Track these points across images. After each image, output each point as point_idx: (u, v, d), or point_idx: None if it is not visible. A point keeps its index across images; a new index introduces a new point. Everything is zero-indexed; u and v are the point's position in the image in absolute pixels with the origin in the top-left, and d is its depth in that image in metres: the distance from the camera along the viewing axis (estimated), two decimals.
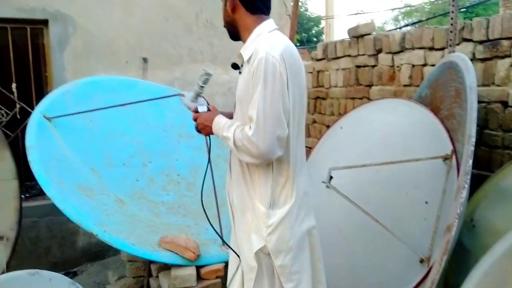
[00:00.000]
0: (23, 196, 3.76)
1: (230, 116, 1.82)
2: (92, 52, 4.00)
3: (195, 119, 1.84)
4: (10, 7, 3.61)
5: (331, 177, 2.72)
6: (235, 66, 1.78)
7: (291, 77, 1.56)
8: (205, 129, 1.78)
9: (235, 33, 1.76)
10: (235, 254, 1.83)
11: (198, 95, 2.68)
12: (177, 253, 2.53)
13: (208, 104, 2.64)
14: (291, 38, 4.00)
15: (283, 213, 1.64)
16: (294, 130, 1.64)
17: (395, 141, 2.79)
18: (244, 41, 1.72)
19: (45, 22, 3.81)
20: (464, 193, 1.61)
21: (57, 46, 3.85)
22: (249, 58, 1.62)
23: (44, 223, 3.81)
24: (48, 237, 3.87)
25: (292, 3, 4.57)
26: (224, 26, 1.82)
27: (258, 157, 1.55)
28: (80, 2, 3.91)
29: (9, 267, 2.78)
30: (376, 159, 2.74)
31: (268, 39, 1.61)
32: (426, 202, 2.42)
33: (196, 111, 1.86)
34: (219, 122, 1.71)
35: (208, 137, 1.95)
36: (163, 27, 4.32)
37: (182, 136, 3.69)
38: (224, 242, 1.86)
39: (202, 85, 2.46)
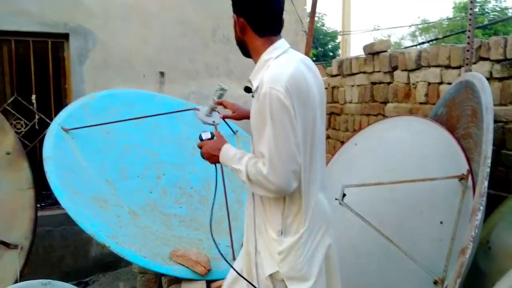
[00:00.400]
0: (39, 205, 3.82)
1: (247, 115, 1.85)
2: (110, 65, 4.08)
3: (200, 147, 1.76)
4: (32, 21, 3.72)
5: (344, 195, 2.70)
6: (247, 90, 1.72)
7: (298, 108, 1.50)
8: (211, 158, 1.71)
9: (247, 53, 1.70)
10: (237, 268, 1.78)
11: (212, 109, 2.71)
12: (187, 267, 2.52)
13: (224, 120, 2.65)
14: (307, 54, 4.02)
15: (293, 240, 1.59)
16: (306, 159, 1.58)
17: (411, 160, 2.76)
18: (255, 63, 1.65)
19: (66, 36, 3.92)
20: (479, 216, 1.58)
21: (77, 60, 3.94)
22: (257, 88, 1.54)
23: (58, 232, 3.85)
24: (62, 247, 3.91)
25: (308, 19, 4.61)
26: (237, 44, 1.76)
27: (275, 192, 1.53)
28: (101, 17, 4.01)
29: (23, 276, 2.81)
30: (391, 177, 2.71)
31: (273, 69, 1.53)
32: (441, 222, 2.38)
33: (200, 139, 1.78)
34: (227, 153, 1.65)
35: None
36: (180, 42, 4.39)
37: (196, 149, 3.68)
38: (225, 260, 1.80)
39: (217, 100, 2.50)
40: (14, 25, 3.68)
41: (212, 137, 1.76)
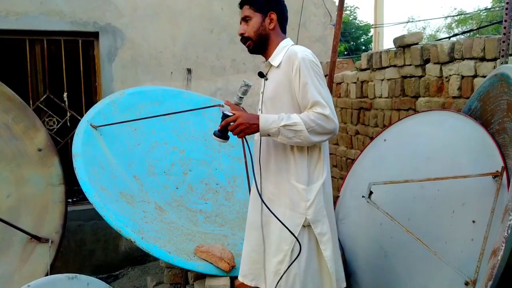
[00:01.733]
0: (70, 200, 3.93)
1: None
2: (139, 63, 4.14)
3: (231, 121, 1.83)
4: (63, 21, 3.82)
5: (371, 192, 2.63)
6: (261, 75, 2.05)
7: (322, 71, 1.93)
8: (250, 128, 1.83)
9: (263, 46, 2.02)
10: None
11: (237, 105, 2.70)
12: (211, 263, 2.53)
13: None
14: (335, 48, 3.93)
15: (317, 187, 1.90)
16: None
17: (442, 156, 2.65)
18: (268, 54, 2.02)
19: (96, 35, 4.00)
20: None
21: (107, 58, 4.02)
22: (280, 63, 1.93)
23: (89, 227, 3.96)
24: (93, 241, 4.01)
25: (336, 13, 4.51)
26: (248, 39, 2.01)
27: (333, 132, 1.83)
28: (130, 16, 4.07)
29: (54, 269, 2.90)
30: (421, 174, 2.61)
31: (296, 47, 1.94)
32: (474, 222, 2.27)
33: (226, 116, 1.85)
34: (269, 117, 1.84)
35: (243, 145, 1.99)
36: (207, 39, 4.40)
37: (222, 145, 3.72)
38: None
39: (242, 96, 2.47)
40: (46, 25, 3.79)
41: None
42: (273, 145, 1.96)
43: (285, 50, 1.96)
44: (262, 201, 1.89)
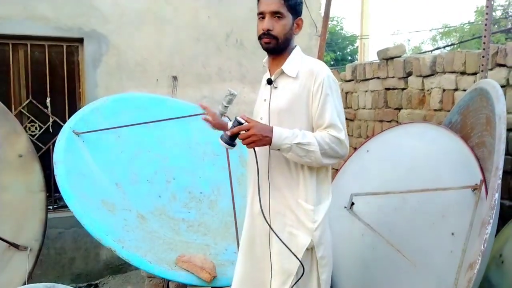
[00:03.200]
0: (51, 207, 3.87)
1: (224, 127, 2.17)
2: (124, 70, 4.12)
3: (244, 130, 1.73)
4: (48, 26, 3.78)
5: (352, 203, 2.65)
6: (269, 81, 1.90)
7: None
8: (262, 140, 1.72)
9: (283, 49, 1.88)
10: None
11: (222, 114, 2.69)
12: (193, 273, 2.51)
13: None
14: (320, 59, 3.97)
15: (325, 208, 1.84)
16: None
17: (423, 168, 2.69)
18: (281, 60, 1.88)
19: (80, 41, 3.97)
20: (489, 229, 1.51)
21: (91, 64, 3.98)
22: (297, 74, 1.83)
23: (69, 234, 3.89)
24: (73, 249, 3.95)
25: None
26: (274, 38, 1.84)
27: (343, 156, 1.80)
28: (115, 22, 4.05)
29: (33, 277, 2.84)
30: (402, 186, 2.65)
31: (314, 60, 1.93)
32: (453, 234, 2.30)
33: (240, 123, 1.74)
34: (283, 132, 1.75)
35: (227, 154, 1.94)
36: (194, 47, 4.40)
37: (206, 154, 3.71)
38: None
39: (226, 105, 2.48)
40: (30, 30, 3.74)
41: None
42: (284, 161, 1.85)
43: (300, 60, 1.87)
44: (267, 221, 1.81)
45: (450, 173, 2.49)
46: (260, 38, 1.86)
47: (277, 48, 1.86)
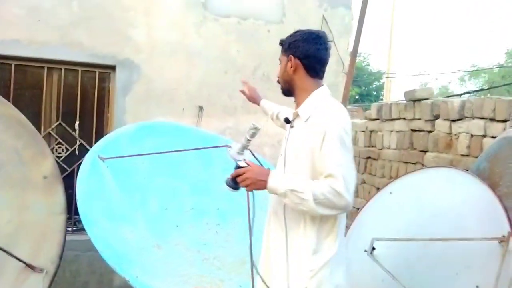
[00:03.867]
0: (70, 229, 3.90)
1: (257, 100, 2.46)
2: (152, 98, 4.21)
3: (240, 174, 1.81)
4: (83, 53, 3.93)
5: (373, 248, 2.58)
6: (287, 121, 1.94)
7: (350, 140, 1.80)
8: (256, 184, 1.78)
9: (290, 91, 1.93)
10: None
11: (244, 147, 2.69)
12: None
13: (254, 157, 2.64)
14: (345, 96, 3.98)
15: (325, 260, 1.76)
16: None
17: (448, 215, 2.61)
18: (299, 100, 1.90)
19: (113, 68, 4.10)
20: None
21: (121, 91, 4.10)
22: (308, 119, 1.81)
23: (85, 258, 3.90)
24: (88, 272, 3.94)
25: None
26: (278, 82, 1.98)
27: (342, 209, 1.72)
28: (147, 52, 4.18)
29: None
30: (426, 231, 2.57)
31: (333, 106, 1.82)
32: (477, 287, 2.20)
33: (238, 167, 1.83)
34: (279, 177, 1.77)
35: (252, 194, 1.96)
36: (221, 79, 4.48)
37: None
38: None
39: (250, 139, 2.47)
40: (66, 55, 3.90)
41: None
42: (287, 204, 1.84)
43: (317, 103, 1.83)
44: (257, 271, 1.91)
45: (476, 222, 2.41)
46: None
47: (283, 91, 1.96)
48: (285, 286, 1.81)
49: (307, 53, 1.85)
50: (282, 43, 1.95)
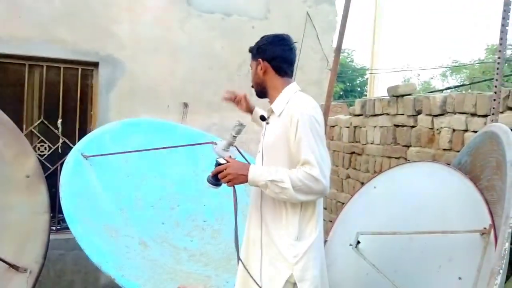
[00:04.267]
0: (54, 228, 3.86)
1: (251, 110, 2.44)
2: (136, 95, 4.18)
3: (222, 170, 1.86)
4: (65, 49, 3.88)
5: (358, 242, 2.60)
6: (263, 118, 2.08)
7: (322, 128, 1.91)
8: (238, 178, 1.85)
9: (263, 92, 2.05)
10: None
11: (230, 144, 2.70)
12: None
13: (239, 153, 2.64)
14: (329, 93, 4.00)
15: (308, 244, 1.86)
16: None
17: (431, 208, 2.65)
18: (271, 99, 2.02)
19: (96, 65, 4.05)
20: (499, 279, 1.47)
21: (105, 88, 4.06)
22: (281, 113, 1.92)
23: (70, 256, 3.86)
24: (73, 271, 3.91)
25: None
26: (252, 87, 2.09)
27: (320, 193, 1.81)
28: (131, 48, 4.14)
29: None
30: (410, 225, 2.60)
31: (302, 98, 1.94)
32: (460, 278, 2.24)
33: (218, 164, 1.88)
34: (258, 170, 1.85)
35: (234, 189, 1.99)
36: (206, 75, 4.47)
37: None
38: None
39: (235, 135, 2.49)
40: (48, 52, 3.84)
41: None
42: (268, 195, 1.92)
43: (288, 98, 1.94)
44: (239, 258, 1.93)
45: (458, 215, 2.45)
46: None
47: (257, 93, 2.07)
48: (268, 276, 1.87)
49: (274, 55, 1.99)
50: (250, 50, 2.07)
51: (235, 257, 2.90)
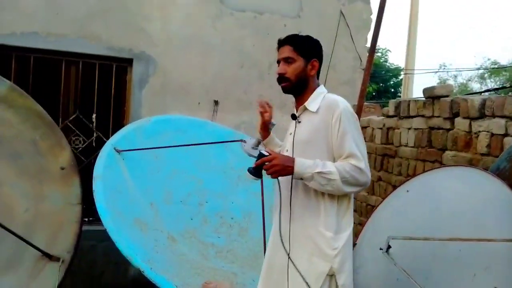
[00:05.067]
0: (86, 219, 3.95)
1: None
2: (168, 91, 4.22)
3: (267, 161, 1.86)
4: (101, 46, 3.96)
5: (389, 246, 2.54)
6: (294, 117, 2.07)
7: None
8: (285, 170, 1.86)
9: (300, 89, 2.05)
10: None
11: (259, 142, 2.69)
12: None
13: (268, 153, 2.63)
14: (362, 93, 3.92)
15: (346, 237, 1.91)
16: None
17: (466, 215, 2.55)
18: (303, 97, 2.05)
19: (130, 61, 4.12)
20: None
21: (138, 84, 4.12)
22: (318, 109, 1.96)
23: (101, 248, 3.95)
24: (104, 262, 3.99)
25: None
26: (288, 80, 2.03)
27: (365, 184, 1.89)
28: (164, 46, 4.19)
29: None
30: (443, 231, 2.52)
31: (336, 97, 2.00)
32: None
33: (262, 155, 1.90)
34: (304, 162, 1.87)
35: (261, 182, 2.06)
36: (237, 73, 4.47)
37: (241, 179, 3.70)
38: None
39: None
40: (84, 48, 3.93)
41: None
42: (304, 189, 1.95)
43: (322, 97, 2.01)
44: (285, 250, 1.91)
45: (495, 223, 2.35)
46: (278, 81, 2.06)
47: (292, 88, 2.04)
48: (314, 267, 1.89)
49: (321, 58, 2.09)
50: (291, 43, 2.04)
51: (261, 255, 2.90)
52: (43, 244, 2.89)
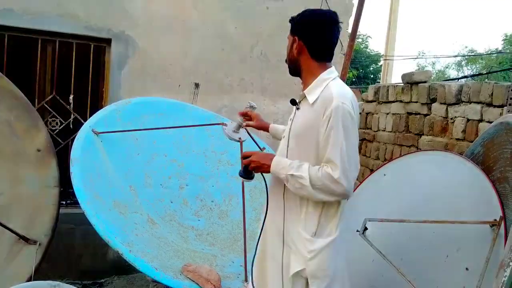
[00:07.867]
0: (64, 202, 3.90)
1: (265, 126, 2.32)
2: (148, 73, 4.16)
3: (247, 156, 1.89)
4: (78, 25, 3.85)
5: (365, 228, 2.60)
6: (293, 102, 1.91)
7: (355, 123, 1.76)
8: (261, 167, 1.85)
9: (296, 72, 1.91)
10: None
11: (240, 126, 2.70)
12: (197, 284, 2.48)
13: (249, 135, 2.64)
14: (343, 78, 3.95)
15: (326, 242, 1.78)
16: None
17: (441, 198, 2.63)
18: (305, 82, 1.87)
19: (108, 41, 4.03)
20: (508, 272, 1.46)
21: (116, 65, 4.03)
22: (314, 102, 1.77)
23: (79, 231, 3.92)
24: (82, 246, 3.96)
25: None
26: (286, 62, 1.94)
27: (339, 195, 1.72)
28: (144, 26, 4.10)
29: (39, 271, 2.85)
30: (419, 213, 2.59)
31: (338, 88, 1.76)
32: (467, 269, 2.23)
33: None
34: (281, 161, 1.81)
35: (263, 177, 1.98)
36: (218, 56, 4.42)
37: (221, 162, 3.71)
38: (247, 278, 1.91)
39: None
40: (60, 27, 3.82)
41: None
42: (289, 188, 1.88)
43: (324, 86, 1.78)
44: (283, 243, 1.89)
45: (468, 206, 2.43)
46: None
47: (289, 69, 1.93)
48: (280, 267, 1.86)
49: (311, 36, 1.80)
50: (291, 20, 1.89)
51: (241, 238, 2.93)
52: (20, 228, 2.85)
